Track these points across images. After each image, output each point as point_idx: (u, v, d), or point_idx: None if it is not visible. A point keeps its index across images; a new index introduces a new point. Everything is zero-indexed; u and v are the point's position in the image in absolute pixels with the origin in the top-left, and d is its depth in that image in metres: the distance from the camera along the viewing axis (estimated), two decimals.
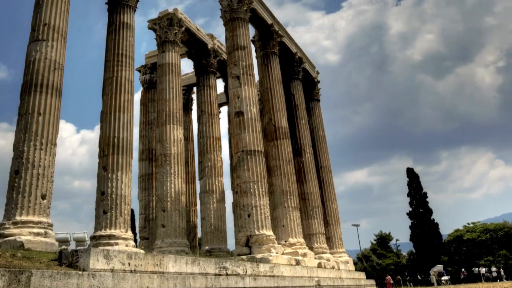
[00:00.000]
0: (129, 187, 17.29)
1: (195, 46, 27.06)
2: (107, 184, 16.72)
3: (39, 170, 13.85)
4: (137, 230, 27.02)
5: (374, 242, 62.43)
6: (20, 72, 15.50)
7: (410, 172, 55.13)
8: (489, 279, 43.15)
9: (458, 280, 45.71)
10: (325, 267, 24.17)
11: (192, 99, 31.61)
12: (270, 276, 16.69)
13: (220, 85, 30.57)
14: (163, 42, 23.73)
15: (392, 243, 63.08)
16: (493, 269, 44.44)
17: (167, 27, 23.84)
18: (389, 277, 45.66)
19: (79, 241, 28.19)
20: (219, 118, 27.86)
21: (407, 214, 53.41)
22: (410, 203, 53.54)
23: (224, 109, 32.91)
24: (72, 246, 27.32)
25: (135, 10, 20.20)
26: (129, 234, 16.42)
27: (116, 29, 19.23)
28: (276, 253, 18.95)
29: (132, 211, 31.45)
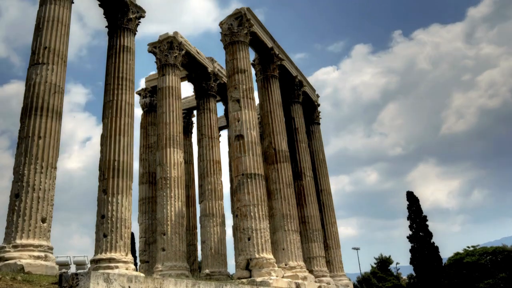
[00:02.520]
0: (129, 211, 17.28)
1: (195, 70, 27.18)
2: (107, 207, 16.72)
3: (39, 193, 13.85)
4: (137, 254, 26.85)
5: (374, 265, 62.09)
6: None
7: (410, 196, 54.91)
8: None
9: None
10: None
11: (192, 122, 31.66)
12: None
13: (220, 109, 30.68)
14: (163, 65, 23.83)
15: (392, 266, 62.71)
16: None
17: (167, 50, 23.95)
18: None
19: (79, 265, 28.13)
20: (219, 142, 27.87)
21: (407, 237, 53.15)
22: (410, 227, 53.20)
23: (224, 133, 32.98)
24: (72, 269, 27.23)
25: (135, 34, 20.37)
26: (129, 257, 16.36)
27: (116, 53, 19.39)
28: (276, 276, 18.82)
29: (132, 234, 31.29)
